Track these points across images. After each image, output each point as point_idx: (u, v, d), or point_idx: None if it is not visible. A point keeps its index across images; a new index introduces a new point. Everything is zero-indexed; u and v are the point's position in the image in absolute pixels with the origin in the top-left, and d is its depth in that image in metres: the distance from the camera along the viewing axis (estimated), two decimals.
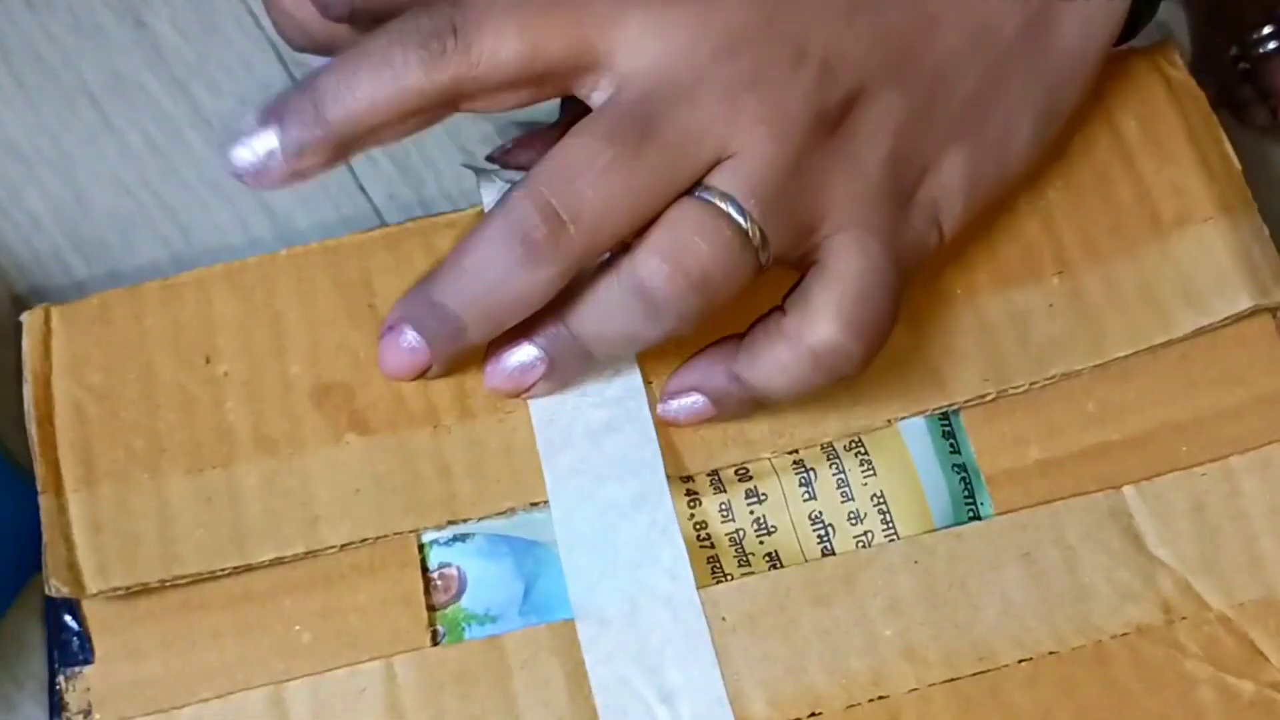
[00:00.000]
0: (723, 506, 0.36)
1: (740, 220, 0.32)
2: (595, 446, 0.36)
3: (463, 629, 0.35)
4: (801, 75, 0.33)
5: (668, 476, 0.36)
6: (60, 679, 0.35)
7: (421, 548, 0.36)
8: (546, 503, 0.36)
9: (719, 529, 0.36)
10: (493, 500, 0.36)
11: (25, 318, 0.38)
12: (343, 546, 0.35)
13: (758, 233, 0.32)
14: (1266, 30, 0.43)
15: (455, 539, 0.36)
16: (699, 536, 0.36)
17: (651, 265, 0.32)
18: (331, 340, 0.37)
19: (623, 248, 0.33)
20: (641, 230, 0.32)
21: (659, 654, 0.34)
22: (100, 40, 0.46)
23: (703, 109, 0.32)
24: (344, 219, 0.45)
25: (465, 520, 0.36)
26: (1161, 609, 0.35)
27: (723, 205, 0.32)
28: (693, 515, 0.36)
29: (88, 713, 0.35)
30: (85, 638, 0.35)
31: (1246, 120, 0.45)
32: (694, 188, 0.32)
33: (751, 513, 0.36)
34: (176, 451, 0.36)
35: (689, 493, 0.36)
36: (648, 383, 0.37)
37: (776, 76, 0.33)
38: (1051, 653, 0.34)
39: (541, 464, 0.36)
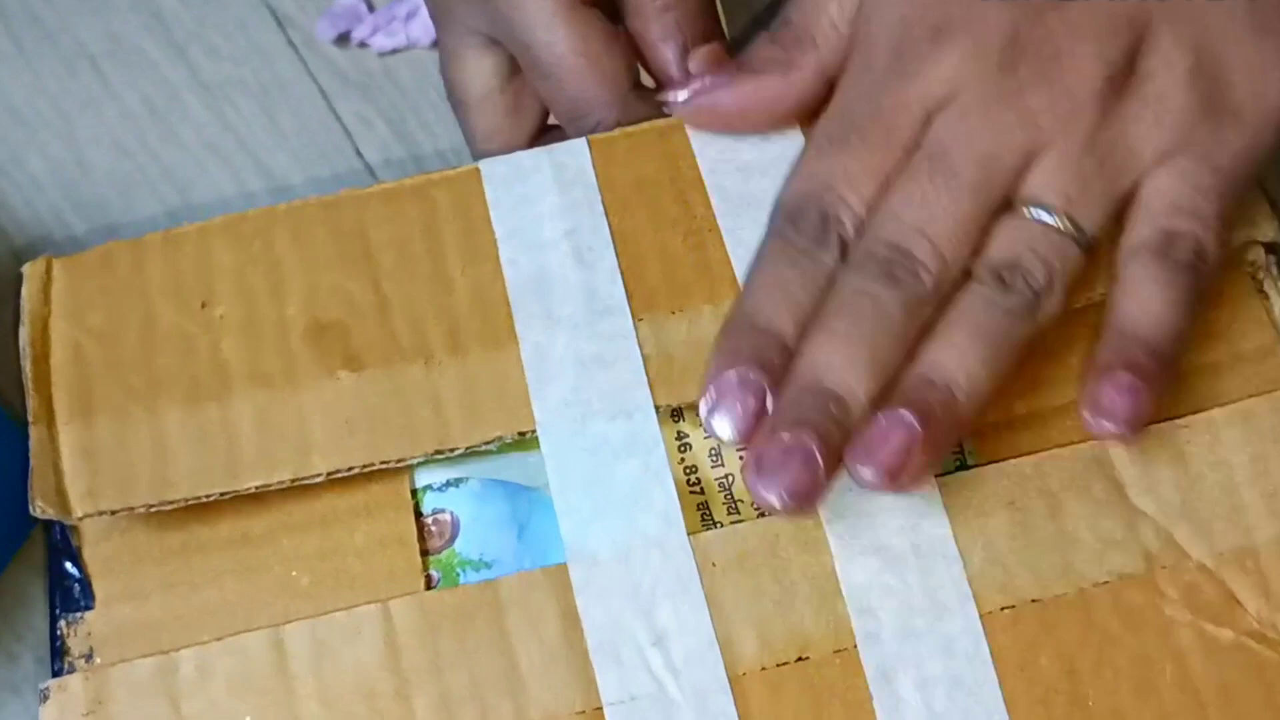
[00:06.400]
0: (713, 452, 0.37)
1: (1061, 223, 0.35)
2: (586, 378, 0.36)
3: (457, 574, 0.36)
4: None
5: (656, 408, 0.36)
6: (62, 624, 0.35)
7: (415, 493, 0.37)
8: (535, 434, 0.36)
9: (709, 474, 0.37)
10: (482, 429, 0.36)
11: (26, 267, 0.38)
12: (330, 475, 0.35)
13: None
14: None
15: (449, 484, 0.37)
16: (689, 481, 0.36)
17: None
18: (327, 284, 0.38)
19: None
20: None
21: (650, 597, 0.35)
22: (99, 4, 0.47)
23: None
24: (338, 177, 0.45)
25: (454, 450, 0.36)
26: (1143, 558, 0.35)
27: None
28: (683, 460, 0.37)
29: (89, 656, 0.35)
30: (86, 584, 0.36)
31: None
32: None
33: (741, 459, 0.37)
34: (173, 387, 0.37)
35: (679, 435, 0.37)
36: (638, 320, 0.37)
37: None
38: (1034, 600, 0.35)
39: (530, 394, 0.36)
